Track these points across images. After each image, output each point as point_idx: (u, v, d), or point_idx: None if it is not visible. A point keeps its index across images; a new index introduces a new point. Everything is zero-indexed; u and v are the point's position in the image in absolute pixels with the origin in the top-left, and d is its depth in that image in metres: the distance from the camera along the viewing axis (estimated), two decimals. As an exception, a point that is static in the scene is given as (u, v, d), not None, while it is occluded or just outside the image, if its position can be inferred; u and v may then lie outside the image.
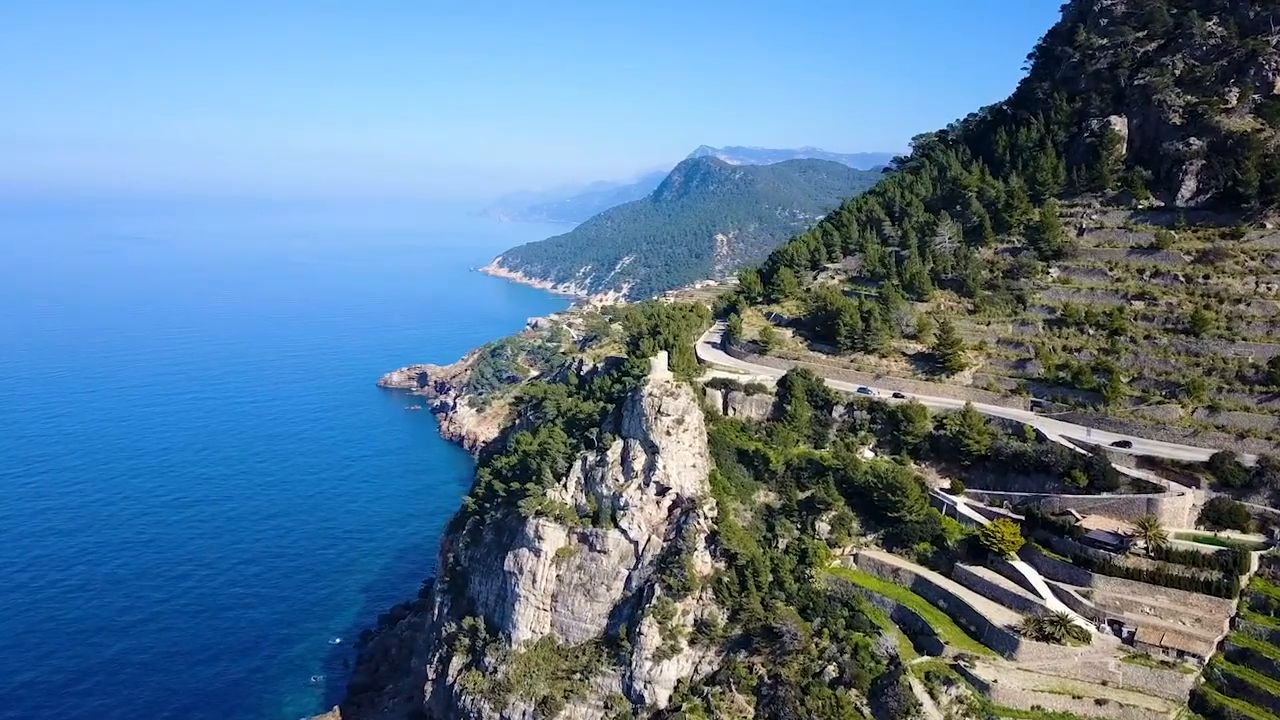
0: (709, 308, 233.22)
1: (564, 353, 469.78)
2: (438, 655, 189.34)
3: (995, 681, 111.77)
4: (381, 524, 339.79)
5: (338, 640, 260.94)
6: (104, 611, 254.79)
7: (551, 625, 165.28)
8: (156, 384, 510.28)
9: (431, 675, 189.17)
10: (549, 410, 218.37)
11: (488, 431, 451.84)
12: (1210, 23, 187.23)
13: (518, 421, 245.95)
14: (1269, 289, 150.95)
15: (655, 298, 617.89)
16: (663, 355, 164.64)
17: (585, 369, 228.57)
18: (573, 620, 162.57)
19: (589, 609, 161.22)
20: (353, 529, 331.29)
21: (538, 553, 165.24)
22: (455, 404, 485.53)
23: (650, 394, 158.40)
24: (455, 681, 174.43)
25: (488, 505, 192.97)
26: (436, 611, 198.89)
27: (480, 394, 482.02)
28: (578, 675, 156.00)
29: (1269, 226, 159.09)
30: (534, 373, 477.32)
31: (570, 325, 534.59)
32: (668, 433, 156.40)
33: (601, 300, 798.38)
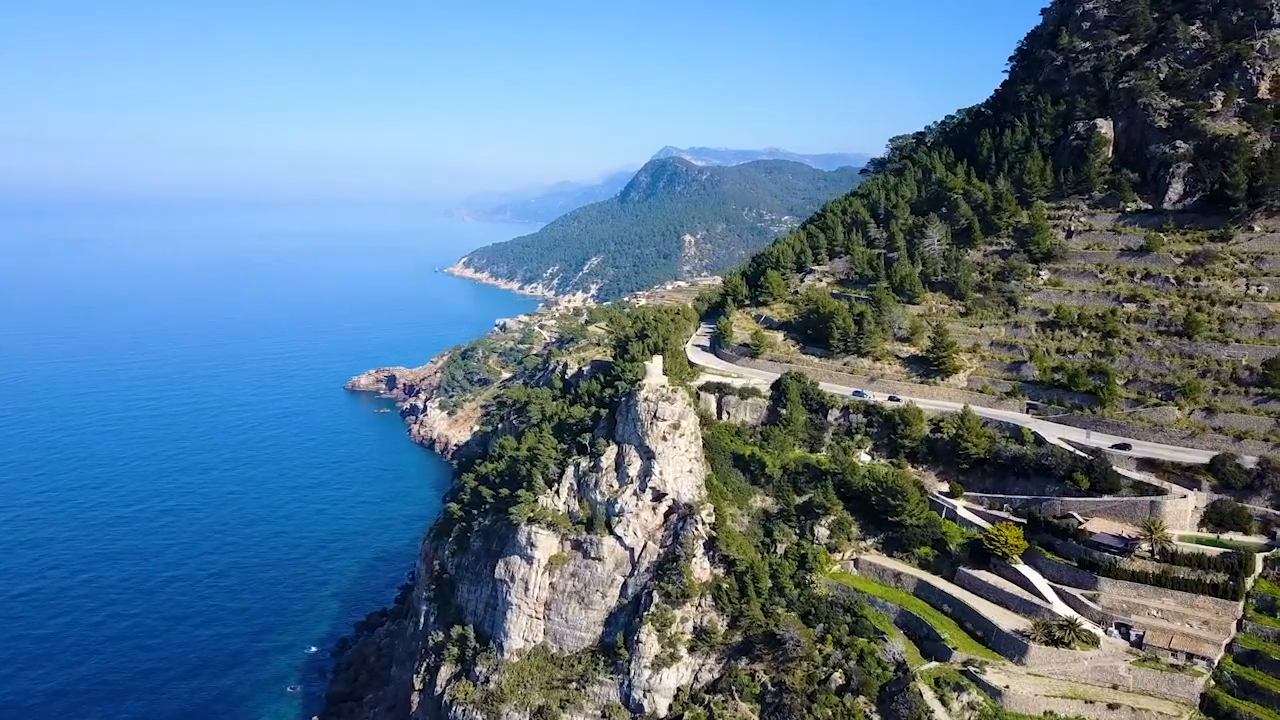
0: (694, 310, 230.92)
1: (536, 354, 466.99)
2: (425, 665, 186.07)
3: (1007, 687, 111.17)
4: (355, 530, 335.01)
5: (314, 649, 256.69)
6: (77, 627, 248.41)
7: (545, 633, 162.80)
8: (114, 390, 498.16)
9: (418, 685, 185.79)
10: (533, 414, 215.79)
11: (459, 434, 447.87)
12: (1193, 27, 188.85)
13: (500, 425, 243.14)
14: (1259, 291, 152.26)
15: (626, 299, 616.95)
16: (658, 359, 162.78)
17: (570, 372, 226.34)
18: (567, 628, 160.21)
19: (584, 617, 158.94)
20: (326, 535, 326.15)
21: (530, 560, 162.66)
22: (426, 407, 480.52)
23: (646, 399, 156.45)
24: (445, 691, 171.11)
25: (475, 512, 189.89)
26: (422, 620, 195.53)
27: (451, 396, 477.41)
28: (573, 684, 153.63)
29: (1257, 229, 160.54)
30: (506, 375, 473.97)
31: (542, 327, 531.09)
32: (664, 438, 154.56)
33: (570, 301, 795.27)
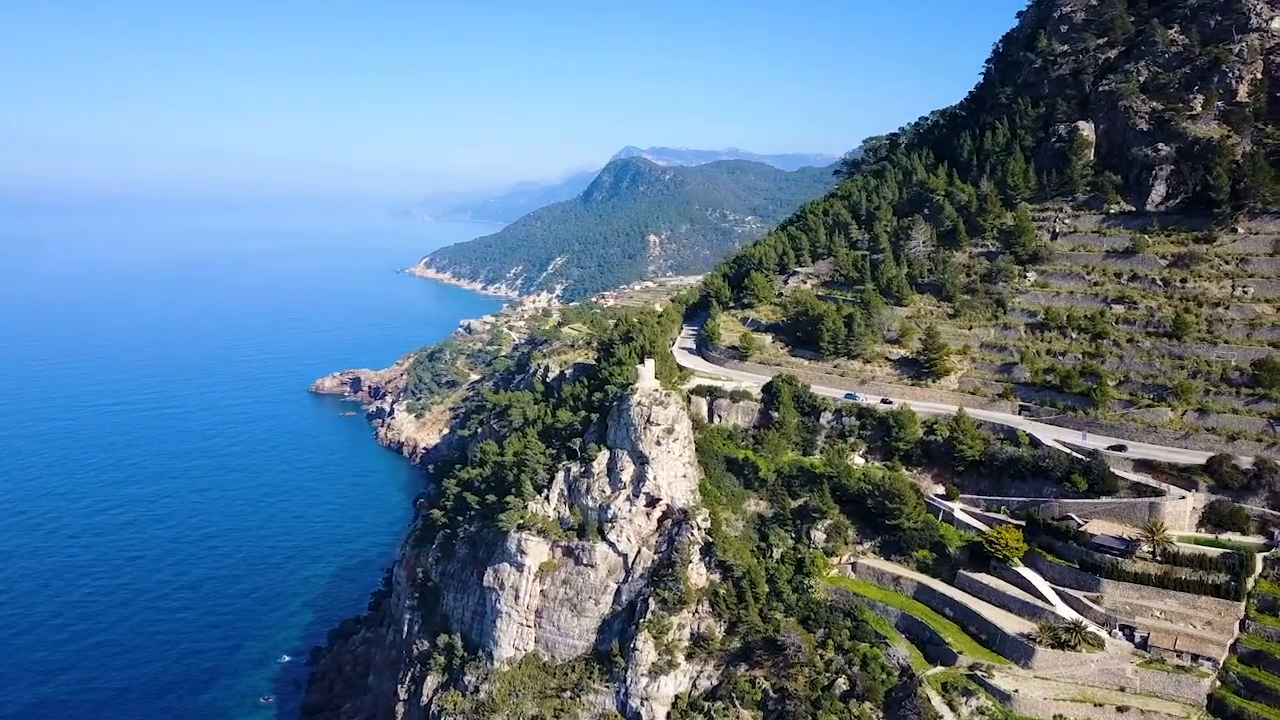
0: (676, 311, 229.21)
1: (506, 356, 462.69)
2: (410, 674, 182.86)
3: (1016, 691, 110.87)
4: (324, 536, 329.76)
5: (287, 659, 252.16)
6: (44, 645, 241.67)
7: (536, 641, 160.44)
8: (73, 396, 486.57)
9: (403, 695, 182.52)
10: (515, 418, 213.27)
11: (428, 438, 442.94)
12: (1172, 30, 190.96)
13: (480, 430, 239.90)
14: (1245, 292, 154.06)
15: (594, 299, 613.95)
16: (650, 363, 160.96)
17: (551, 375, 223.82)
18: (559, 636, 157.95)
19: (576, 624, 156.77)
20: (294, 542, 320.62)
21: (520, 567, 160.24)
22: (392, 410, 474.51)
23: (639, 403, 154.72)
24: (431, 702, 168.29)
25: (459, 519, 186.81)
26: (406, 629, 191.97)
27: (419, 399, 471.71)
28: (568, 693, 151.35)
29: (1240, 231, 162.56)
30: (475, 377, 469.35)
31: (510, 328, 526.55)
32: (658, 442, 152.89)
33: (535, 302, 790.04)
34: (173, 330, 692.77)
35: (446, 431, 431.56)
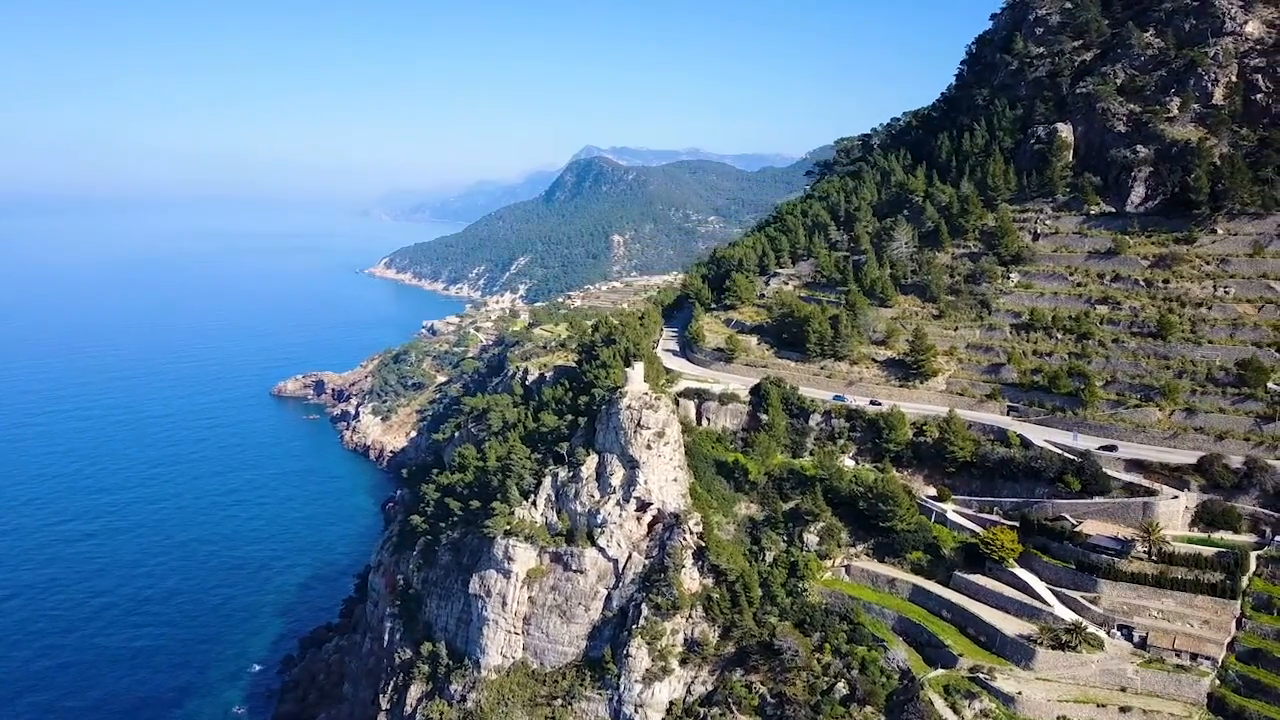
0: (655, 312, 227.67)
1: (473, 358, 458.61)
2: (391, 684, 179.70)
3: (1020, 693, 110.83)
4: (291, 542, 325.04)
5: (257, 668, 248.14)
6: (4, 663, 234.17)
7: (524, 649, 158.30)
8: (24, 404, 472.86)
9: (385, 704, 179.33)
10: (494, 422, 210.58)
11: (395, 441, 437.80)
12: (1147, 34, 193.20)
13: (457, 434, 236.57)
14: (1226, 293, 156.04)
15: (560, 299, 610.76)
16: (639, 366, 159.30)
17: (530, 378, 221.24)
18: (548, 643, 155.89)
19: (566, 631, 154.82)
20: (261, 549, 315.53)
21: (507, 574, 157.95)
22: (358, 413, 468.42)
23: (629, 406, 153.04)
24: (415, 712, 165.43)
25: (441, 525, 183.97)
26: (386, 637, 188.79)
27: (384, 402, 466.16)
28: (559, 701, 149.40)
29: (1219, 232, 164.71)
30: (441, 379, 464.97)
31: (477, 329, 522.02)
32: (648, 446, 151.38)
33: (498, 302, 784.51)
34: (128, 333, 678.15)
35: (414, 434, 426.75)
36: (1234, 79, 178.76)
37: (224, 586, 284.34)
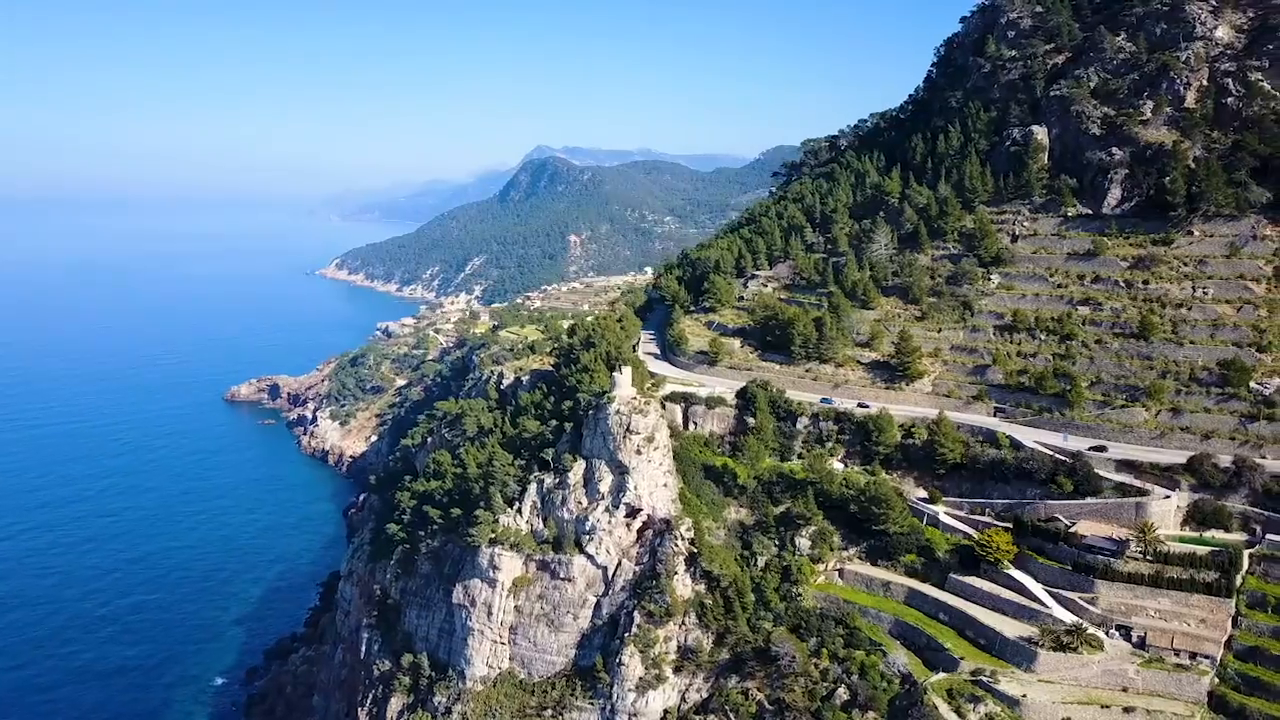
0: (631, 313, 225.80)
1: (433, 360, 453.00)
2: (370, 696, 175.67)
3: (1024, 696, 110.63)
4: (250, 550, 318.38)
5: (221, 681, 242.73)
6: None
7: (511, 659, 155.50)
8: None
9: (363, 717, 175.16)
10: (469, 427, 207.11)
11: (355, 446, 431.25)
12: (1119, 38, 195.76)
13: (429, 439, 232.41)
14: (1205, 293, 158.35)
15: (518, 300, 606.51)
16: (627, 371, 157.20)
17: (505, 382, 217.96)
18: (536, 652, 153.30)
19: (554, 640, 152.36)
20: (220, 558, 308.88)
21: (493, 583, 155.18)
22: (315, 417, 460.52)
23: (617, 411, 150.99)
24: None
25: (421, 533, 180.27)
26: (364, 649, 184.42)
27: (343, 406, 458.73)
28: (549, 711, 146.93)
29: (1196, 234, 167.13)
30: (401, 382, 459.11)
31: (437, 331, 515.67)
32: (638, 451, 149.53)
33: (454, 303, 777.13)
34: (69, 338, 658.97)
35: (375, 439, 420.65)
36: (1205, 83, 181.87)
37: (184, 600, 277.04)
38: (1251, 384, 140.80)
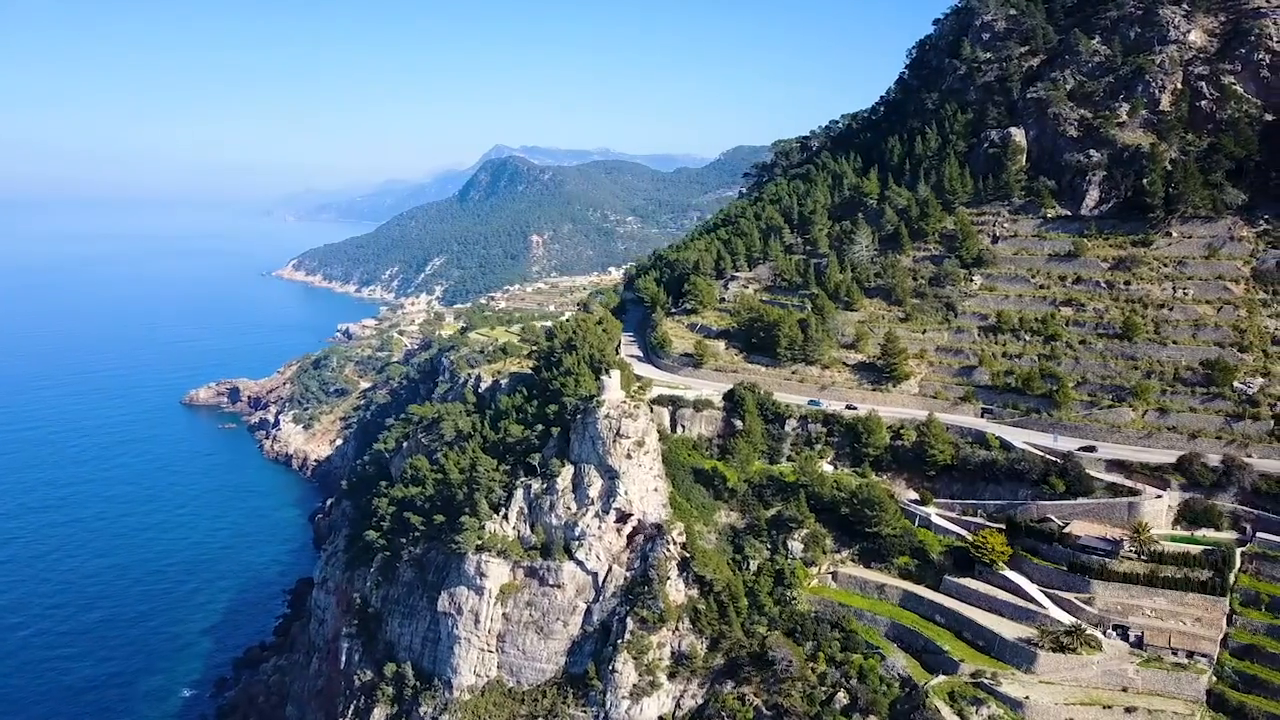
0: (608, 313, 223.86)
1: (399, 362, 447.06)
2: (352, 707, 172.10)
3: (1027, 698, 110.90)
4: (215, 558, 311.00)
5: (188, 693, 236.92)
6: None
7: (499, 667, 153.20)
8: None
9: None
10: (446, 431, 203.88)
11: (319, 449, 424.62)
12: (1094, 41, 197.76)
13: (405, 444, 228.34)
14: (1186, 294, 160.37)
15: (482, 300, 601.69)
16: (616, 374, 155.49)
17: (483, 386, 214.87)
18: (525, 660, 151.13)
19: (543, 647, 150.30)
20: (184, 567, 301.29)
21: (480, 591, 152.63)
22: (278, 421, 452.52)
23: (607, 415, 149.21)
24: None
25: (402, 540, 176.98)
26: (344, 659, 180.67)
27: (306, 409, 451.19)
28: (540, 719, 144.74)
29: (1174, 235, 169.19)
30: (365, 384, 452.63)
31: (401, 333, 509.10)
32: (628, 455, 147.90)
33: (414, 304, 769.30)
34: (22, 342, 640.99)
35: (340, 442, 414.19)
36: (1180, 86, 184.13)
37: (150, 612, 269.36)
38: (1235, 384, 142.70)
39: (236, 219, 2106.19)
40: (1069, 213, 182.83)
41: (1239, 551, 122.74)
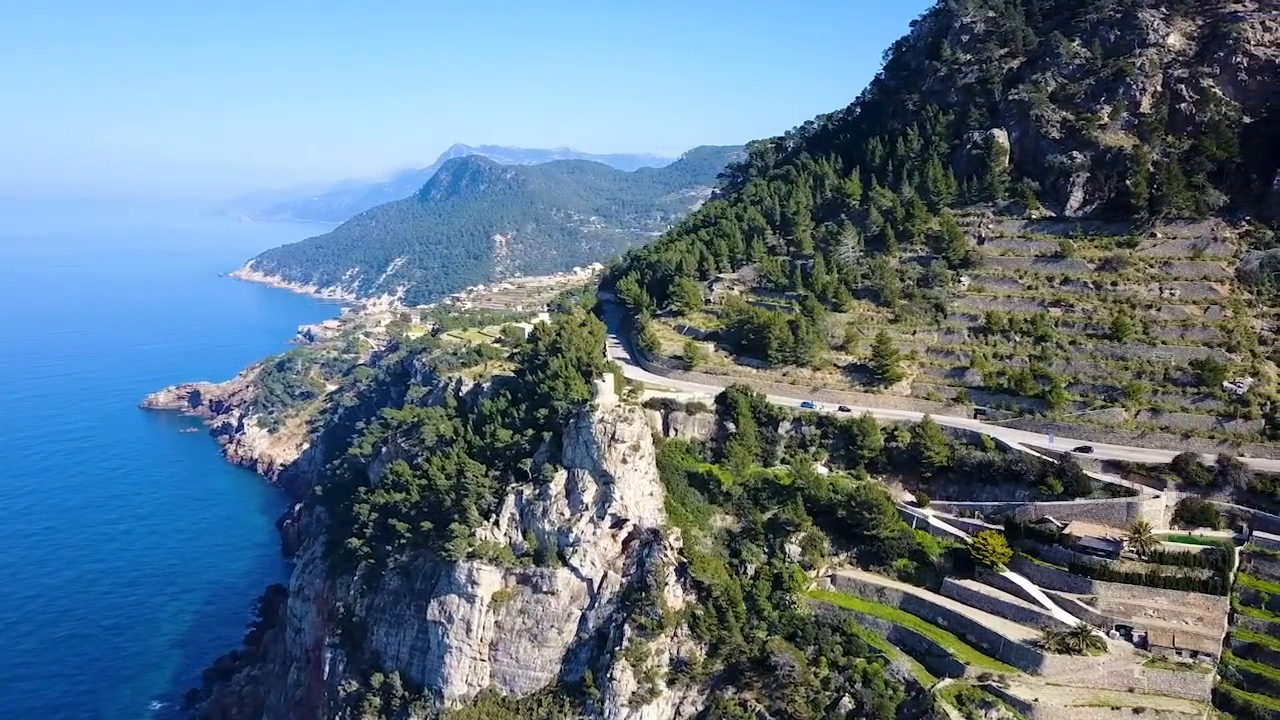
0: (589, 313, 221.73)
1: (365, 364, 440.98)
2: (337, 718, 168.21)
3: (1036, 700, 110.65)
4: (181, 567, 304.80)
5: (158, 705, 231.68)
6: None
7: (492, 676, 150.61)
8: None
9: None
10: (427, 436, 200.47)
11: (285, 454, 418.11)
12: (1074, 43, 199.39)
13: (385, 449, 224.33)
14: (1173, 294, 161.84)
15: (447, 301, 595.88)
16: (610, 378, 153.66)
17: (465, 389, 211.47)
18: (518, 669, 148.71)
19: (538, 655, 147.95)
20: (150, 576, 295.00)
21: (471, 599, 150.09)
22: (241, 425, 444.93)
23: (602, 420, 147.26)
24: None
25: (387, 548, 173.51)
26: (327, 669, 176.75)
27: (271, 413, 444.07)
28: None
29: (1159, 236, 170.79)
30: (332, 387, 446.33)
31: (367, 335, 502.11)
32: (623, 460, 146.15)
33: (376, 305, 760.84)
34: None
35: (307, 446, 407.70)
36: (1160, 89, 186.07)
37: (116, 626, 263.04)
38: (1225, 383, 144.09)
39: (189, 219, 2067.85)
40: (1053, 214, 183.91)
41: (1237, 550, 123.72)
